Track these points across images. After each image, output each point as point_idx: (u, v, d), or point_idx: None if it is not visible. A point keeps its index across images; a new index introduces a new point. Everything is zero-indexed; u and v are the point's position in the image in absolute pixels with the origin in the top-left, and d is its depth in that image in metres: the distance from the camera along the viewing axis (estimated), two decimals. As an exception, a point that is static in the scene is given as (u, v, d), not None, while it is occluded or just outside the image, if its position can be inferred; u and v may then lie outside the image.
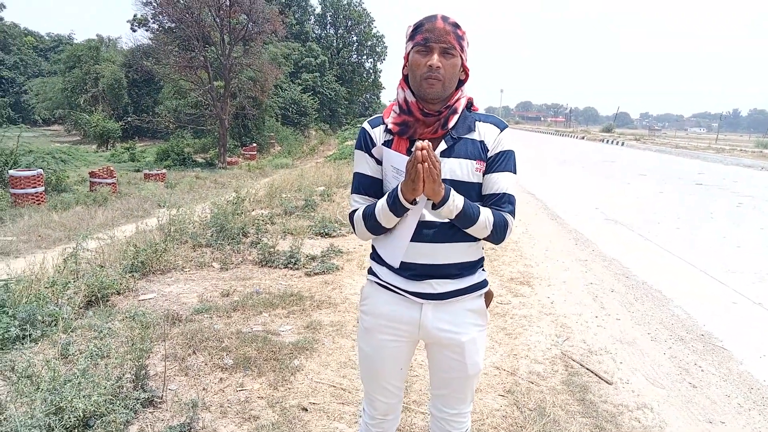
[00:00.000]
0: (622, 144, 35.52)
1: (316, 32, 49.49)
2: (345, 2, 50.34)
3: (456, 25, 1.53)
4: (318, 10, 50.36)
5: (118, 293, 4.43)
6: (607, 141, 39.05)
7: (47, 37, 57.11)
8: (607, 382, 3.27)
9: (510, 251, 6.35)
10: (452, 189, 1.51)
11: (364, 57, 52.48)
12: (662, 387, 3.24)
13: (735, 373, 3.45)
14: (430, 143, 1.41)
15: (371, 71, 53.38)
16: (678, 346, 3.85)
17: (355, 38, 51.43)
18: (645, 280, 5.40)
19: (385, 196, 1.57)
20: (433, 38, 1.51)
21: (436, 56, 1.51)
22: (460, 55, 1.55)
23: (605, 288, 5.14)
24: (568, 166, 18.60)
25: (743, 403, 3.07)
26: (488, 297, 1.76)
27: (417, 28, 1.55)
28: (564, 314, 4.43)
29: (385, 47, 52.42)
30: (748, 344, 3.91)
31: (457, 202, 1.51)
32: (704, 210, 9.80)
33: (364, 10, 51.01)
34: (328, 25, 51.15)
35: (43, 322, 3.49)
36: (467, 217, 1.53)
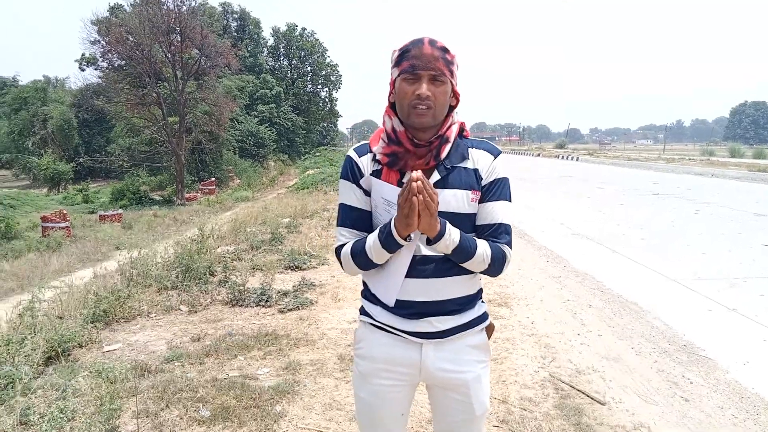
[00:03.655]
0: (577, 159, 36.47)
1: (270, 64, 49.66)
2: (297, 33, 50.80)
3: (444, 50, 1.44)
4: (271, 42, 50.62)
5: (81, 346, 4.13)
6: (562, 157, 40.07)
7: (-11, 80, 55.30)
8: (600, 403, 3.20)
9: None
10: (447, 222, 1.42)
11: (319, 86, 52.90)
12: (655, 403, 3.19)
13: (723, 383, 3.43)
14: (423, 175, 1.33)
15: (327, 100, 53.82)
16: (663, 358, 3.83)
17: (309, 68, 51.82)
18: (620, 293, 5.42)
19: (376, 232, 1.46)
20: (421, 65, 1.42)
21: (425, 85, 1.42)
22: (450, 81, 1.47)
23: (582, 304, 5.13)
24: (529, 183, 18.89)
25: (737, 413, 3.04)
26: (489, 330, 1.66)
27: (403, 54, 1.45)
28: (546, 334, 4.37)
29: (340, 75, 52.96)
30: (730, 351, 3.92)
31: (453, 236, 1.42)
32: (665, 219, 10.04)
33: (317, 40, 51.57)
34: (282, 57, 51.42)
35: (-3, 386, 3.20)
36: (464, 252, 1.45)
